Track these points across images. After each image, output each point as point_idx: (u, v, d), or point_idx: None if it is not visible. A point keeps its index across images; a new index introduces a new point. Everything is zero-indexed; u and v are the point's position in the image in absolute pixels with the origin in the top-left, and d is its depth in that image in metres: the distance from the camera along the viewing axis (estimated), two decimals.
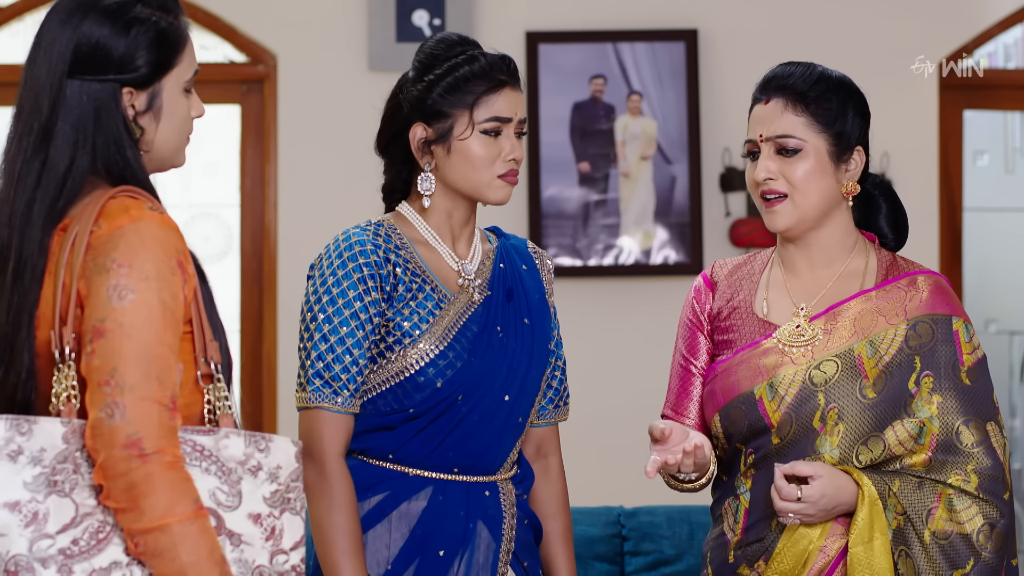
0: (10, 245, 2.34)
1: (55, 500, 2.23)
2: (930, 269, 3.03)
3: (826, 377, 2.90)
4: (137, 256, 2.27)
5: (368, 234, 2.88)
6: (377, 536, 2.85)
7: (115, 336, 2.24)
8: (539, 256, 3.08)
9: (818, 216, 2.96)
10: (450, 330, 2.87)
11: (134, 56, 2.37)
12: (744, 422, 2.94)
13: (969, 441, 2.88)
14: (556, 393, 3.05)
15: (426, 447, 2.86)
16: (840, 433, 2.89)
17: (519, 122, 2.91)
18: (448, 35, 2.93)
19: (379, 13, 5.70)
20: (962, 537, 2.85)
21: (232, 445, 2.33)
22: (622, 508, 4.50)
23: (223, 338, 2.42)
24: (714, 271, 3.11)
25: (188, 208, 6.28)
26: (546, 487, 3.05)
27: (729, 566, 2.96)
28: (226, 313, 6.12)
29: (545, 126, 5.73)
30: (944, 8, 5.86)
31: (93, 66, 2.36)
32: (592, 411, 5.08)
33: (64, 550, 2.22)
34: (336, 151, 5.74)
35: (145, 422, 2.22)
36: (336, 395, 2.82)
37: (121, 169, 2.37)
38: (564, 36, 5.76)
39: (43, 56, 2.37)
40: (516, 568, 2.92)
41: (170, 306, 2.28)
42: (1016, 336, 7.59)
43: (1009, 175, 7.70)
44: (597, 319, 5.73)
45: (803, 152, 2.93)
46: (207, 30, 5.84)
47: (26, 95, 2.38)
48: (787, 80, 2.96)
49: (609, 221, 5.73)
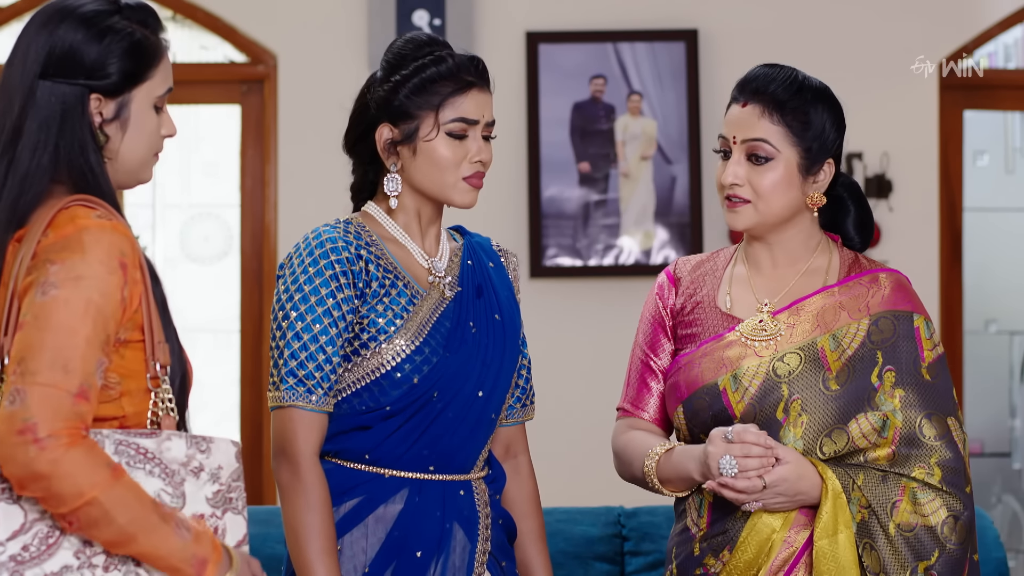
0: None
1: (3, 507, 2.25)
2: (891, 267, 3.06)
3: (789, 369, 2.94)
4: (72, 256, 2.29)
5: (339, 231, 2.86)
6: (354, 540, 2.84)
7: (30, 328, 2.26)
8: (505, 254, 3.07)
9: (778, 222, 3.00)
10: (424, 326, 2.86)
11: (105, 63, 2.40)
12: (708, 413, 2.96)
13: (931, 434, 2.92)
14: (523, 392, 3.05)
15: (402, 446, 2.85)
16: (804, 424, 2.91)
17: (487, 124, 2.88)
18: (417, 35, 2.91)
19: (379, 13, 5.70)
20: (927, 529, 2.89)
21: (174, 447, 2.34)
22: (622, 508, 4.50)
23: (176, 341, 2.43)
24: (677, 267, 3.14)
25: (188, 208, 6.28)
26: (517, 487, 3.04)
27: (695, 558, 2.97)
28: (226, 313, 6.15)
29: (545, 126, 5.73)
30: (944, 8, 5.86)
31: (64, 69, 2.39)
32: (592, 411, 5.08)
33: (15, 556, 2.24)
34: (336, 151, 5.69)
35: (41, 407, 2.22)
36: (310, 393, 2.80)
37: (83, 171, 2.39)
38: (564, 36, 5.76)
39: (19, 59, 2.42)
40: (493, 569, 2.91)
41: (97, 302, 2.29)
42: (1016, 336, 7.59)
43: (1009, 175, 7.70)
44: (597, 319, 5.74)
45: (774, 161, 2.95)
46: (207, 30, 5.85)
47: (1, 97, 2.41)
48: (767, 86, 2.97)
49: (609, 221, 5.73)
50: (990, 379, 7.43)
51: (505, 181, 5.67)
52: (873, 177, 5.82)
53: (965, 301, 6.10)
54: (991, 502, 7.42)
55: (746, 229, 3.01)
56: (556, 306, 5.74)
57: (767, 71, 3.00)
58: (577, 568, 4.28)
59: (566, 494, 4.83)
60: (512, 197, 5.74)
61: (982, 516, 4.32)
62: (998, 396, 7.48)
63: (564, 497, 4.71)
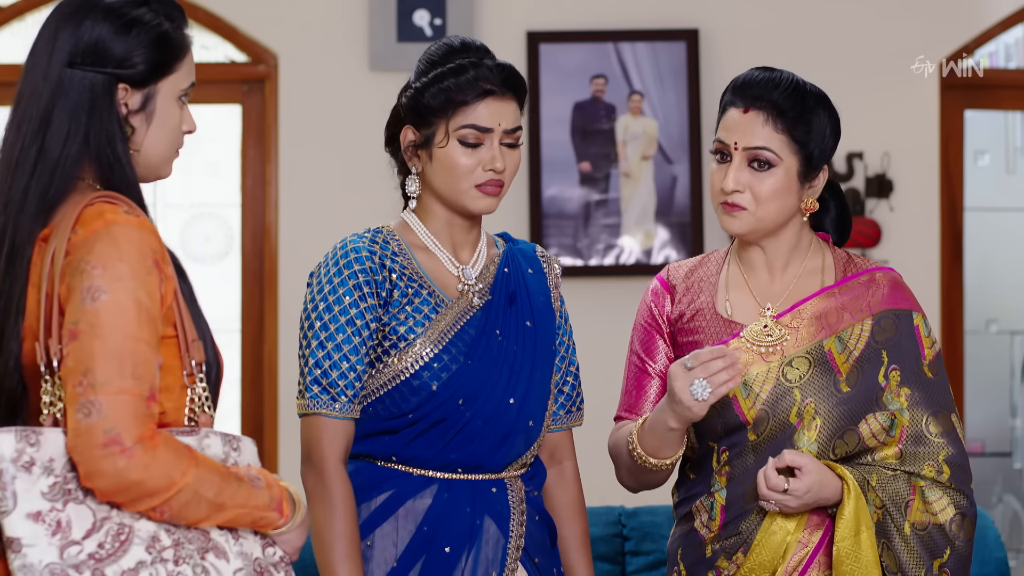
0: (4, 232, 2.37)
1: (73, 507, 2.25)
2: (883, 265, 3.07)
3: (799, 373, 2.94)
4: (111, 258, 2.29)
5: (365, 241, 2.90)
6: (384, 534, 2.86)
7: (87, 337, 2.25)
8: (547, 260, 3.09)
9: (774, 228, 3.01)
10: (446, 333, 2.88)
11: (133, 54, 2.40)
12: (718, 420, 2.96)
13: (936, 431, 2.94)
14: (568, 399, 3.07)
15: (429, 450, 2.88)
16: (818, 427, 2.92)
17: (505, 132, 2.90)
18: (451, 40, 2.94)
19: (380, 13, 5.70)
20: (937, 527, 2.91)
21: (213, 445, 2.37)
22: (623, 508, 4.50)
23: (208, 336, 2.44)
24: (670, 274, 3.14)
25: (189, 208, 6.28)
26: (561, 492, 3.06)
27: (706, 560, 2.98)
28: (227, 313, 6.14)
29: (546, 126, 5.73)
30: (944, 8, 5.86)
31: (93, 59, 2.39)
32: (593, 410, 5.07)
33: (93, 555, 2.24)
34: (337, 151, 5.74)
35: (122, 416, 2.23)
36: (334, 401, 2.84)
37: (110, 162, 2.39)
38: (565, 36, 5.76)
39: (45, 48, 2.41)
40: (527, 564, 2.92)
41: (146, 304, 2.29)
42: (1016, 336, 7.59)
43: (1010, 175, 7.70)
44: (598, 319, 5.73)
45: (775, 168, 2.95)
46: (208, 30, 5.85)
47: (26, 85, 2.41)
48: (769, 92, 2.96)
49: (610, 221, 5.74)
50: (991, 379, 7.43)
51: None
52: (874, 177, 5.83)
53: (966, 301, 6.10)
54: (992, 502, 7.43)
55: (742, 235, 3.02)
56: None
57: (766, 75, 3.00)
58: None
59: None
60: (513, 197, 5.74)
61: (983, 516, 4.32)
62: (999, 396, 7.48)
63: None
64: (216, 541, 2.34)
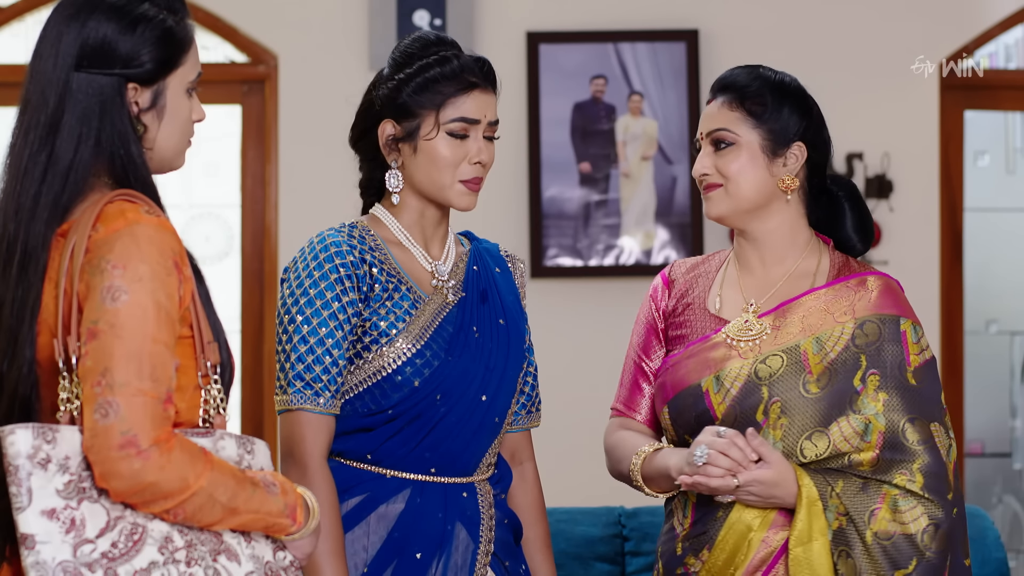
0: (16, 239, 2.35)
1: (88, 506, 2.25)
2: (882, 271, 3.07)
3: (771, 371, 2.95)
4: (131, 258, 2.28)
5: (343, 235, 2.89)
6: (355, 539, 2.85)
7: (107, 337, 2.25)
8: (512, 260, 3.09)
9: (752, 207, 3.02)
10: (426, 329, 2.88)
11: (139, 52, 2.39)
12: (691, 414, 2.98)
13: (914, 439, 2.92)
14: (528, 399, 3.07)
15: (404, 448, 2.87)
16: (783, 427, 2.93)
17: (489, 125, 2.91)
18: (425, 34, 2.94)
19: (380, 13, 5.70)
20: (906, 537, 2.89)
21: (228, 447, 2.37)
22: (623, 508, 4.50)
23: (222, 338, 2.44)
24: (672, 270, 3.18)
25: (189, 208, 6.28)
26: (523, 493, 3.07)
27: (677, 558, 3.00)
28: (227, 313, 6.14)
29: (546, 126, 5.73)
30: (944, 8, 5.86)
31: (99, 60, 2.37)
32: (593, 411, 5.08)
33: (106, 553, 2.24)
34: (337, 151, 5.70)
35: (138, 418, 2.23)
36: (318, 396, 2.82)
37: (124, 164, 2.38)
38: (565, 36, 5.76)
39: (49, 51, 2.38)
40: (496, 568, 2.92)
41: (165, 305, 2.29)
42: (1016, 336, 7.59)
43: (1010, 175, 7.71)
44: (598, 319, 5.74)
45: (736, 146, 3.00)
46: (208, 30, 5.85)
47: (32, 89, 2.39)
48: (730, 81, 3.05)
49: (610, 221, 5.74)
50: (991, 379, 7.44)
51: (506, 181, 5.67)
52: (874, 177, 5.83)
53: (966, 301, 6.10)
54: (991, 502, 7.43)
55: (722, 215, 3.03)
56: (557, 306, 5.74)
57: (734, 70, 3.08)
58: (578, 568, 4.28)
59: (567, 494, 4.83)
60: (513, 197, 5.74)
61: (983, 516, 4.32)
62: (999, 396, 7.48)
63: (565, 497, 4.71)
64: (228, 543, 2.35)
